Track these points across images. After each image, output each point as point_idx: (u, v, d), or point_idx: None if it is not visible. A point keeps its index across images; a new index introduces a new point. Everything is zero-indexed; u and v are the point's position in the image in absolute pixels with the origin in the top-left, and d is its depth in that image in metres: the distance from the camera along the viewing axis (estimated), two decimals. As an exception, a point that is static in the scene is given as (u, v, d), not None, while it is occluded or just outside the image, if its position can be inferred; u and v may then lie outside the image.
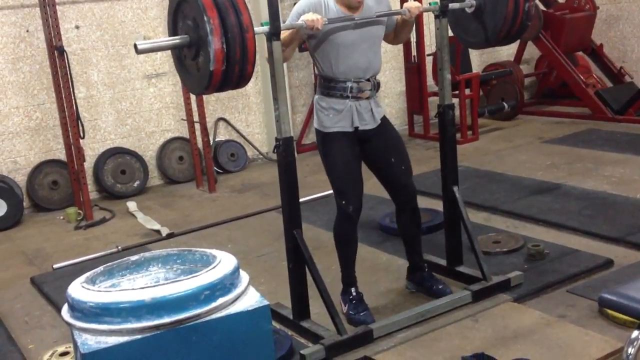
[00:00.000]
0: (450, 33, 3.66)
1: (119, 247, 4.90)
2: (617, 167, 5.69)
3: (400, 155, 3.59)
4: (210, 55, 2.59)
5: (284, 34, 3.12)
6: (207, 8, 2.55)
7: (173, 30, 2.84)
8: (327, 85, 3.40)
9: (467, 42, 3.72)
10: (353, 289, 3.56)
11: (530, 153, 6.47)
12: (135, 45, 2.70)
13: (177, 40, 2.75)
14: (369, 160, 3.58)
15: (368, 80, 3.42)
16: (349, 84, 3.36)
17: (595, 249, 4.12)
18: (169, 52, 6.10)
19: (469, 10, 3.55)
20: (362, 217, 3.63)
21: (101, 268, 2.43)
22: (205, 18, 2.54)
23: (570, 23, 7.85)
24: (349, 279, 3.58)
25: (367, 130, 3.46)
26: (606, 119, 7.36)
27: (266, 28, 2.96)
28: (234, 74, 2.70)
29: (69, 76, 5.60)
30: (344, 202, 3.42)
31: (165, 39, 2.83)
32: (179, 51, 2.85)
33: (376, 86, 3.47)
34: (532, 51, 8.52)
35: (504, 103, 7.78)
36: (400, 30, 3.57)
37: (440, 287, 3.69)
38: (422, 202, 5.28)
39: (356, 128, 3.42)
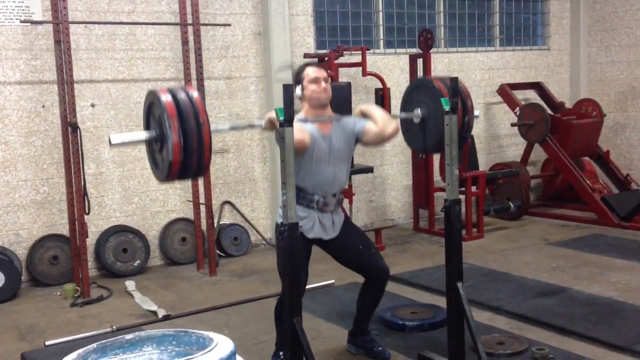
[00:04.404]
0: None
1: (114, 327, 4.81)
2: (624, 274, 5.62)
3: (365, 241, 3.95)
4: (169, 148, 2.85)
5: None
6: (167, 108, 2.85)
7: (146, 126, 3.12)
8: (296, 194, 3.59)
9: (414, 147, 4.15)
10: (282, 353, 3.85)
11: (535, 254, 6.42)
12: (109, 139, 2.96)
13: (146, 135, 3.02)
14: (336, 255, 3.95)
15: (334, 195, 3.81)
16: (316, 197, 3.75)
17: (601, 356, 4.02)
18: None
19: (416, 121, 3.85)
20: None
21: (94, 345, 2.37)
22: (165, 116, 2.84)
23: (577, 128, 7.96)
24: (282, 344, 3.84)
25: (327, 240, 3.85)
26: (612, 224, 7.34)
27: (226, 125, 3.61)
28: (193, 163, 2.91)
29: (80, 152, 5.66)
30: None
31: (136, 133, 3.12)
32: (150, 145, 3.10)
33: (340, 201, 3.91)
34: (538, 153, 8.61)
35: (510, 203, 7.80)
36: (373, 135, 3.82)
37: (380, 349, 4.07)
38: (425, 297, 5.23)
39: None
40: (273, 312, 3.94)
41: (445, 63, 8.21)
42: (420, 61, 7.40)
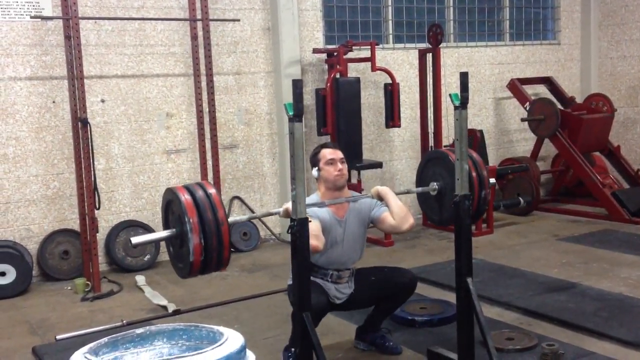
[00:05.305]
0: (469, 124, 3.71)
1: (124, 321, 4.83)
2: (634, 270, 5.60)
3: (374, 269, 4.04)
4: (190, 249, 2.89)
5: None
6: (187, 209, 2.90)
7: (165, 223, 3.18)
8: (311, 268, 3.61)
9: (431, 219, 4.15)
10: (293, 349, 3.70)
11: (545, 250, 6.40)
12: (130, 240, 3.03)
13: (166, 234, 3.10)
14: (362, 303, 3.98)
15: (347, 269, 3.90)
16: (330, 272, 3.84)
17: (611, 352, 4.00)
18: (190, 129, 6.20)
19: (432, 193, 3.91)
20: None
21: (105, 339, 2.39)
22: (186, 218, 2.88)
23: (587, 123, 7.92)
24: (296, 340, 3.72)
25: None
26: (622, 220, 7.31)
27: (244, 217, 3.77)
28: (213, 260, 2.99)
29: (90, 148, 5.69)
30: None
31: (156, 233, 3.25)
32: (169, 240, 3.15)
33: (354, 273, 3.95)
34: (548, 148, 8.57)
35: (520, 198, 7.76)
36: (388, 227, 3.92)
37: (391, 344, 4.08)
38: (434, 293, 5.23)
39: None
40: (282, 306, 3.95)
41: (454, 58, 8.18)
42: (429, 56, 7.39)
